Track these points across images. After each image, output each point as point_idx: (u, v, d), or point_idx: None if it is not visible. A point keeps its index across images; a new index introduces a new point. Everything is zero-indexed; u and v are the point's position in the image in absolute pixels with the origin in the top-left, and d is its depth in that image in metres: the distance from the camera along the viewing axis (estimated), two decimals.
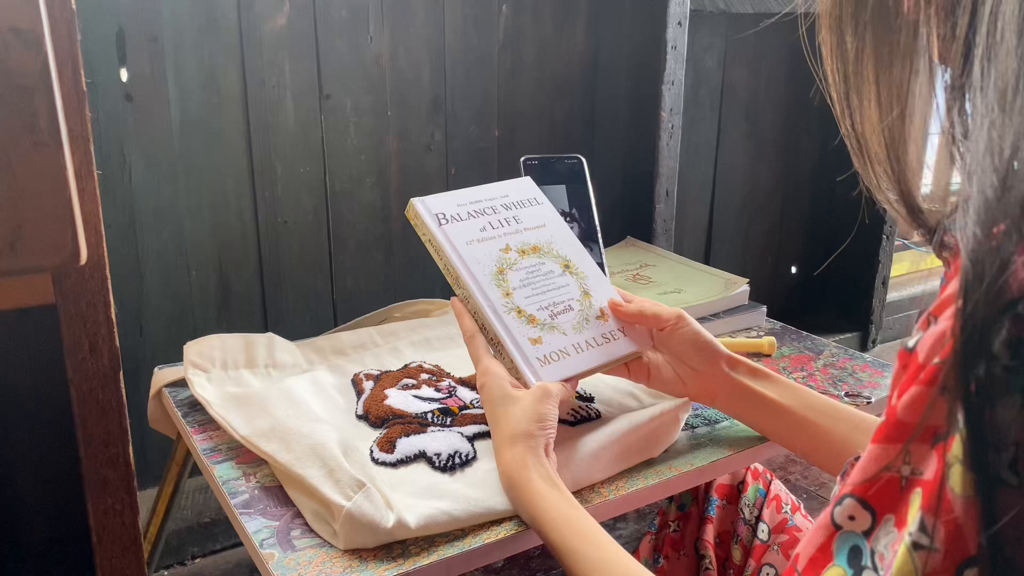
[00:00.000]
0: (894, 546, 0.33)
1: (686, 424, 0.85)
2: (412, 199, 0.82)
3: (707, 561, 0.89)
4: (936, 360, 0.33)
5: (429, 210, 0.82)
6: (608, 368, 0.79)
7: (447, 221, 0.82)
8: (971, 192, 0.32)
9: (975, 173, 0.32)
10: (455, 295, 0.80)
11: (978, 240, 0.31)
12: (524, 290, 0.80)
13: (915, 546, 0.32)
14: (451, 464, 0.74)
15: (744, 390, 0.76)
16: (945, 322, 0.33)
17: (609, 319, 0.82)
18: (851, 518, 0.36)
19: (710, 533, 0.90)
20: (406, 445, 0.76)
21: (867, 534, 0.35)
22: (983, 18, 0.34)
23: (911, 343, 0.35)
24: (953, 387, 0.32)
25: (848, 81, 0.44)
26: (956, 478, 0.31)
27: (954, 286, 0.32)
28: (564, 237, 0.87)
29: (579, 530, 0.62)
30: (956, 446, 0.31)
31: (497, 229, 0.83)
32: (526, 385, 0.73)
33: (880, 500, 0.35)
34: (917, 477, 0.33)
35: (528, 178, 0.90)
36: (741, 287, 1.15)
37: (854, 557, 0.35)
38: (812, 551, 0.37)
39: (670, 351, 0.79)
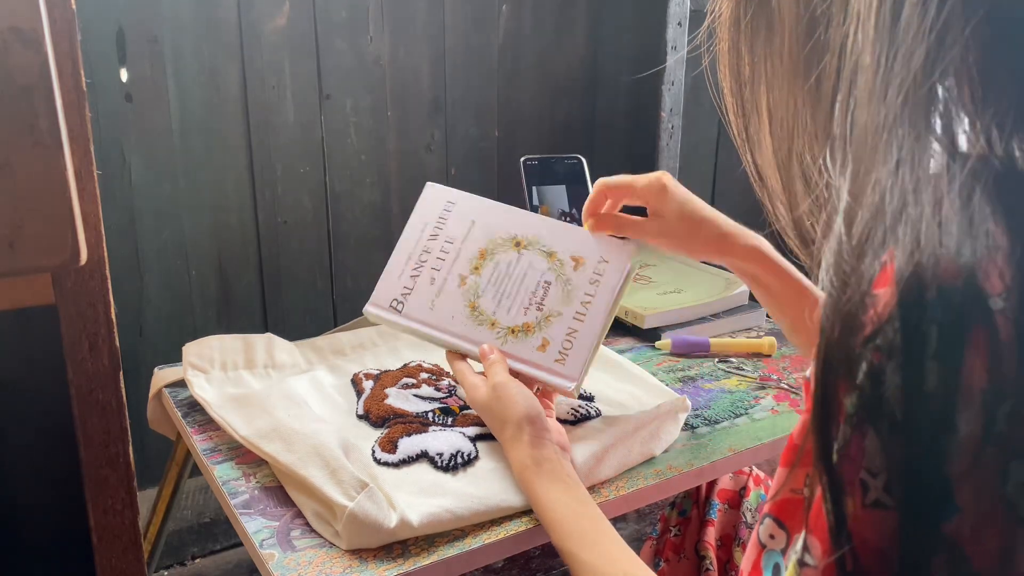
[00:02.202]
0: None
1: (686, 424, 0.85)
2: (364, 309, 0.82)
3: (708, 562, 0.89)
4: None
5: (382, 306, 0.81)
6: (619, 301, 0.78)
7: (402, 303, 0.81)
8: (832, 237, 0.34)
9: (833, 221, 0.34)
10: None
11: (833, 285, 0.33)
12: (503, 304, 0.79)
13: (800, 563, 0.34)
14: (453, 464, 0.74)
15: (743, 273, 0.76)
16: None
17: (586, 261, 0.79)
18: (771, 537, 0.37)
19: (711, 535, 0.90)
20: (408, 445, 0.76)
21: (783, 552, 0.37)
22: (845, 66, 0.35)
23: (807, 372, 0.36)
24: (814, 419, 0.34)
25: (746, 116, 0.45)
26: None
27: None
28: (494, 217, 0.82)
29: (574, 531, 0.62)
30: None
31: (443, 270, 0.81)
32: (564, 392, 0.76)
33: (790, 520, 0.37)
34: (815, 498, 0.34)
35: (429, 184, 0.86)
36: (741, 287, 1.15)
37: (775, 574, 0.37)
38: (749, 567, 0.39)
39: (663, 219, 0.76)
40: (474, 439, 0.78)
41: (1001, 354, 0.30)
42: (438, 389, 0.88)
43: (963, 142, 0.33)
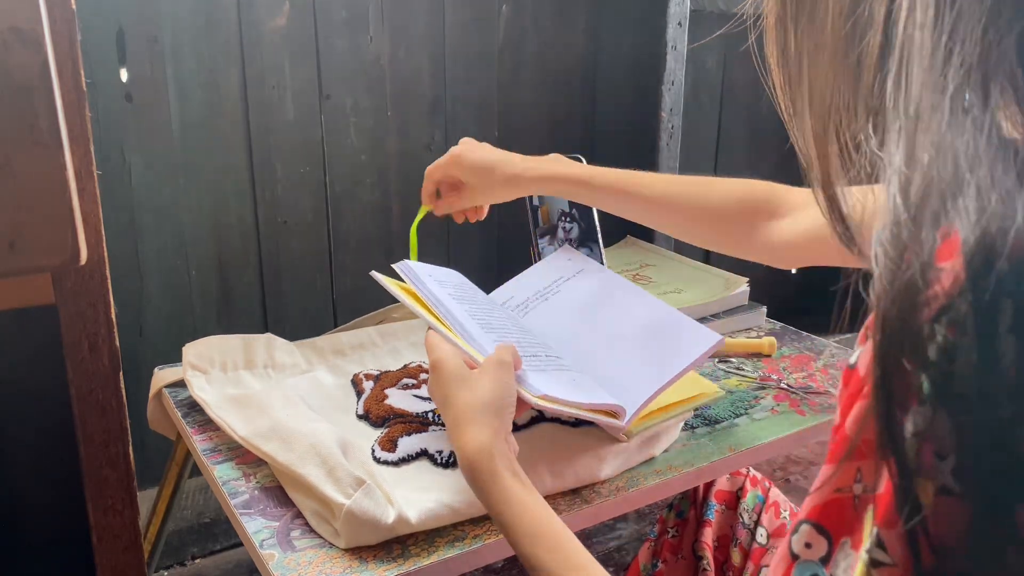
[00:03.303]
0: (854, 567, 0.33)
1: (686, 424, 0.85)
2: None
3: (705, 562, 0.89)
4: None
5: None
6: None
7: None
8: (884, 211, 0.33)
9: (887, 191, 0.33)
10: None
11: (888, 257, 0.32)
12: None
13: (873, 563, 0.32)
14: (452, 460, 0.74)
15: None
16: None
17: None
18: (807, 545, 0.35)
19: (709, 536, 0.90)
20: (408, 444, 0.77)
21: (824, 561, 0.35)
22: (895, 40, 0.35)
23: (852, 359, 0.35)
24: (876, 401, 0.32)
25: (792, 90, 0.45)
26: None
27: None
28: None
29: (545, 534, 0.58)
30: (908, 460, 0.31)
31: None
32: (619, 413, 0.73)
33: (834, 523, 0.35)
34: (870, 494, 0.33)
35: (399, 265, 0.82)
36: (741, 287, 1.15)
37: None
38: None
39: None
40: None
41: None
42: None
43: (1021, 119, 0.33)
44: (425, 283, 0.78)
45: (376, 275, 0.79)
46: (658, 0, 1.42)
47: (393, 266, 0.82)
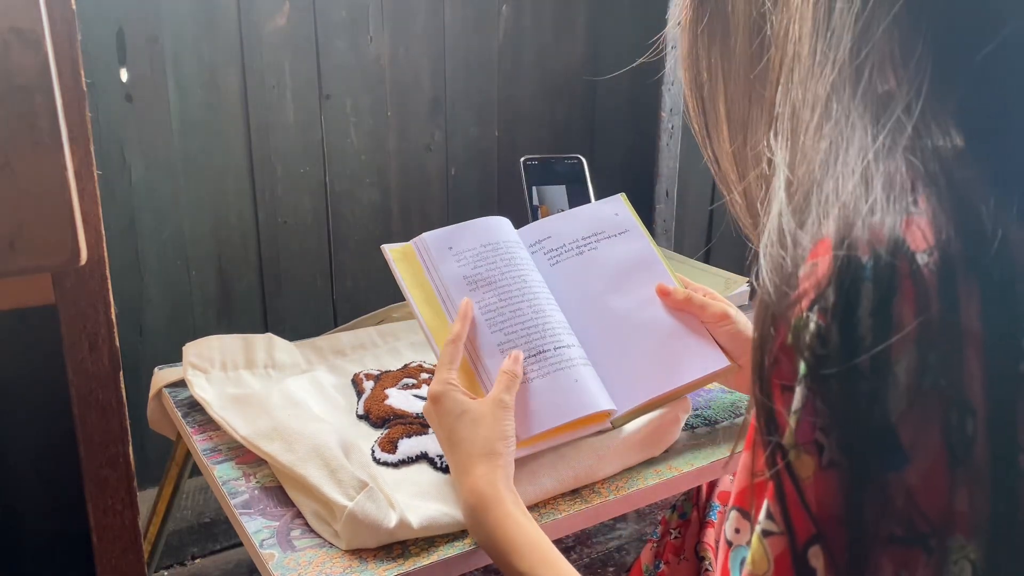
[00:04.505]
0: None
1: (686, 424, 0.85)
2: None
3: (707, 563, 0.89)
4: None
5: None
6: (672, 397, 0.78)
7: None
8: (771, 213, 0.36)
9: (774, 198, 0.37)
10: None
11: (774, 245, 0.35)
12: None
13: (764, 533, 0.34)
14: None
15: None
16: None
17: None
18: (737, 531, 0.38)
19: (711, 537, 0.90)
20: (408, 446, 0.76)
21: (749, 543, 0.37)
22: (786, 54, 0.39)
23: None
24: (753, 381, 0.35)
25: (705, 112, 0.48)
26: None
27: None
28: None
29: (548, 561, 0.61)
30: (787, 436, 0.34)
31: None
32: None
33: (753, 507, 0.37)
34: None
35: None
36: (741, 287, 1.15)
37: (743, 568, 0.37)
38: (719, 571, 0.39)
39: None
40: None
41: (929, 304, 0.32)
42: None
43: (885, 119, 0.36)
44: (438, 269, 0.77)
45: (385, 248, 0.79)
46: (658, 1, 1.42)
47: (411, 242, 0.80)
